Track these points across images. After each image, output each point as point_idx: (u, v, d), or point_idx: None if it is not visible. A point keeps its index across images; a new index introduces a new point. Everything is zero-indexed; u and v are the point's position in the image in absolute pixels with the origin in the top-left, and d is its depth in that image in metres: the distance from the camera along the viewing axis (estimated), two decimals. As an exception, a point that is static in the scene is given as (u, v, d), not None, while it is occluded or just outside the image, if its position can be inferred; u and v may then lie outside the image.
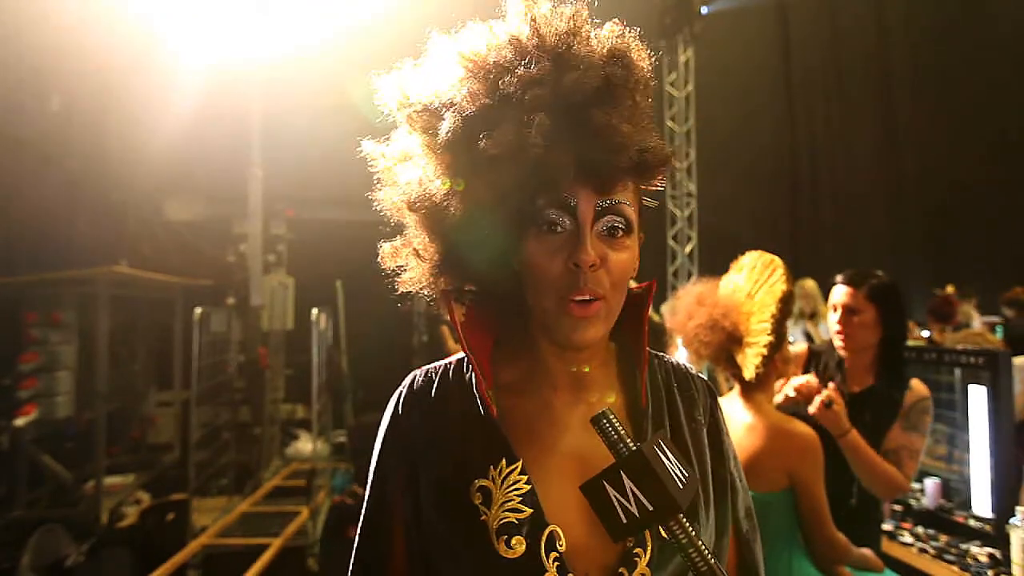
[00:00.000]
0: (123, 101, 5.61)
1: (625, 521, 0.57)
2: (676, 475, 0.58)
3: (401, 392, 0.81)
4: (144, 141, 5.62)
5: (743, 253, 1.81)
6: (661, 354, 0.87)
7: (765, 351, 1.58)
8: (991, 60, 7.38)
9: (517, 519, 0.69)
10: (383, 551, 0.77)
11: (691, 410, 0.82)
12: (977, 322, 5.16)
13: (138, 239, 6.36)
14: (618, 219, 0.70)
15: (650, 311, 0.80)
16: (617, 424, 0.59)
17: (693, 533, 0.56)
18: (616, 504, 0.57)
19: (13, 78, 4.71)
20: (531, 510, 0.70)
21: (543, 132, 0.63)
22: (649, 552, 0.70)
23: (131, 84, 5.50)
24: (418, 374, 0.82)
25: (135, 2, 5.05)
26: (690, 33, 6.67)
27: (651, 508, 0.56)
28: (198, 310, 4.45)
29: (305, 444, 5.68)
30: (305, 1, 5.50)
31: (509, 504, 0.70)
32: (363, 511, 0.80)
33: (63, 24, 4.64)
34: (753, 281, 1.71)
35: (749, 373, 1.61)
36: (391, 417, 0.80)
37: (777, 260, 1.68)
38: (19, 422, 4.30)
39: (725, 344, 1.66)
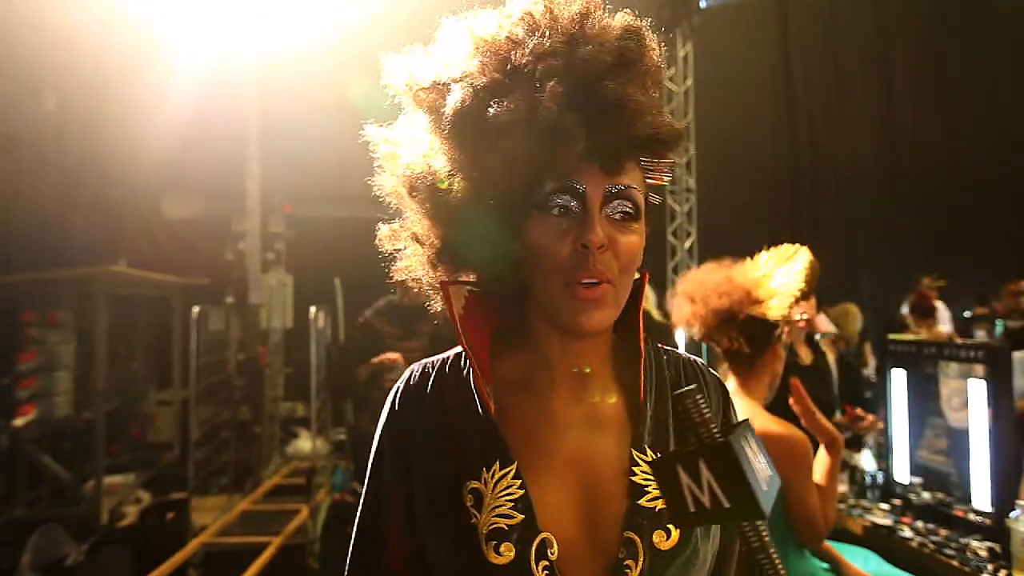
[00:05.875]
0: (120, 99, 5.59)
1: (693, 510, 0.52)
2: (760, 475, 0.53)
3: (398, 388, 0.79)
4: (141, 139, 5.60)
5: (743, 248, 1.82)
6: (671, 349, 0.83)
7: (797, 294, 1.62)
8: (991, 51, 7.36)
9: (507, 525, 0.67)
10: (381, 547, 0.77)
11: None
12: (943, 318, 5.25)
13: (136, 238, 6.36)
14: (627, 203, 0.69)
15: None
16: (703, 406, 0.54)
17: (767, 538, 0.53)
18: (686, 490, 0.53)
19: (8, 76, 4.69)
20: (522, 516, 0.67)
21: (555, 98, 0.62)
22: (640, 566, 0.67)
23: (128, 82, 5.47)
24: (415, 369, 0.80)
25: (132, 0, 5.02)
26: (689, 27, 6.65)
27: (728, 505, 0.51)
28: (196, 309, 4.44)
29: (305, 442, 5.68)
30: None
31: (500, 509, 0.68)
32: (360, 507, 0.80)
33: (59, 21, 4.62)
34: (769, 260, 1.75)
35: (776, 314, 1.63)
36: (388, 413, 0.79)
37: (798, 246, 1.76)
38: (18, 422, 4.29)
39: (734, 309, 1.65)
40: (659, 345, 0.82)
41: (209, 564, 3.68)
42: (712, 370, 0.85)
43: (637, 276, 0.78)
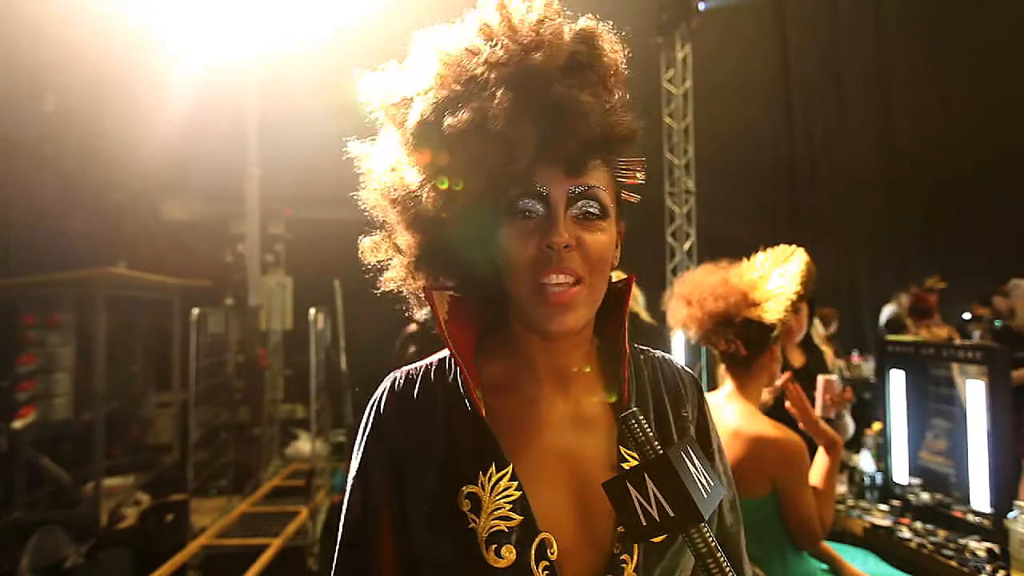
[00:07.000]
0: (120, 101, 5.60)
1: (644, 524, 0.56)
2: (701, 483, 0.57)
3: (382, 394, 0.78)
4: (141, 141, 5.61)
5: (742, 250, 1.82)
6: (647, 348, 0.86)
7: (794, 297, 1.62)
8: (991, 51, 7.38)
9: (507, 527, 0.67)
10: (371, 562, 0.74)
11: (678, 407, 0.81)
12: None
13: (135, 240, 6.35)
14: (591, 203, 0.70)
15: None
16: (645, 425, 0.59)
17: (713, 543, 0.55)
18: (637, 506, 0.56)
19: (8, 79, 4.69)
20: (521, 517, 0.68)
21: (504, 106, 0.64)
22: (636, 559, 0.69)
23: (128, 84, 5.48)
24: (398, 376, 0.79)
25: (131, 2, 5.03)
26: (688, 29, 6.66)
27: (672, 515, 0.55)
28: (195, 310, 4.44)
29: (304, 444, 5.68)
30: (302, 1, 5.48)
31: (499, 512, 0.68)
32: (344, 519, 0.76)
33: (59, 24, 4.63)
34: (766, 262, 1.75)
35: (772, 317, 1.63)
36: (373, 420, 0.77)
37: (795, 247, 1.79)
38: (17, 424, 4.29)
39: (731, 312, 1.65)
40: (635, 345, 0.84)
41: (209, 566, 3.67)
42: (686, 368, 0.87)
43: (624, 277, 0.80)
